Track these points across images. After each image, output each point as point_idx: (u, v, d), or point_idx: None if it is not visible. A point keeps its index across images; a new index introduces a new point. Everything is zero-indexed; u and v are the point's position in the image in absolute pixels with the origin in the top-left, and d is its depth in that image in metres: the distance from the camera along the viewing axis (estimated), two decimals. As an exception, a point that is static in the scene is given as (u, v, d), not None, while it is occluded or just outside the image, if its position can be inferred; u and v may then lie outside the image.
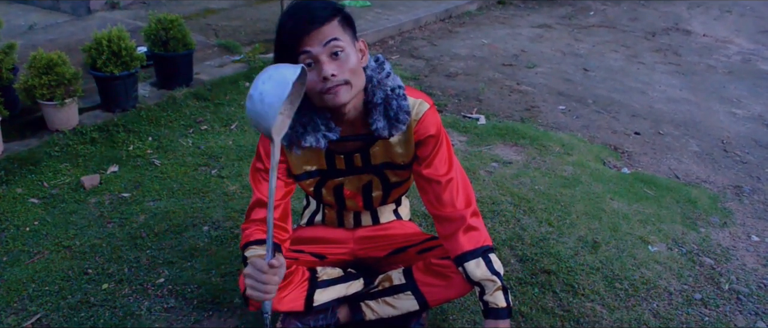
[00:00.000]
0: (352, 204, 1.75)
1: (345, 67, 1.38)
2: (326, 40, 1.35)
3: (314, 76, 1.37)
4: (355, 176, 1.66)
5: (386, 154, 1.61)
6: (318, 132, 1.49)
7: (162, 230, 2.45)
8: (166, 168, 2.96)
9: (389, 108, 1.49)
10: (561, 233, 2.52)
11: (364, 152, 1.60)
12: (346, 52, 1.38)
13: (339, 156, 1.61)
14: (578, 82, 4.53)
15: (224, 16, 5.53)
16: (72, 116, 3.21)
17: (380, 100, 1.48)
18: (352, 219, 1.83)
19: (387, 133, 1.51)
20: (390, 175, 1.67)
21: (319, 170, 1.64)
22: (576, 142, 3.48)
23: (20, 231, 2.44)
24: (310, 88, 1.39)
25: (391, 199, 1.79)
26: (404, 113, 1.50)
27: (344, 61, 1.38)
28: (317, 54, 1.36)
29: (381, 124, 1.49)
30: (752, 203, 2.94)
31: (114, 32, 3.26)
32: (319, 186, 1.69)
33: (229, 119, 3.55)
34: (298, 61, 1.36)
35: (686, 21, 6.49)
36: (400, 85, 1.52)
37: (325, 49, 1.36)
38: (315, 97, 1.42)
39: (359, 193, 1.71)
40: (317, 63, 1.37)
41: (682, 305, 2.15)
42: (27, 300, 2.05)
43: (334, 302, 1.78)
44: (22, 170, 2.87)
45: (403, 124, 1.51)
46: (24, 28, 4.94)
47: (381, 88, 1.49)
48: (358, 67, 1.43)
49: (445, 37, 5.52)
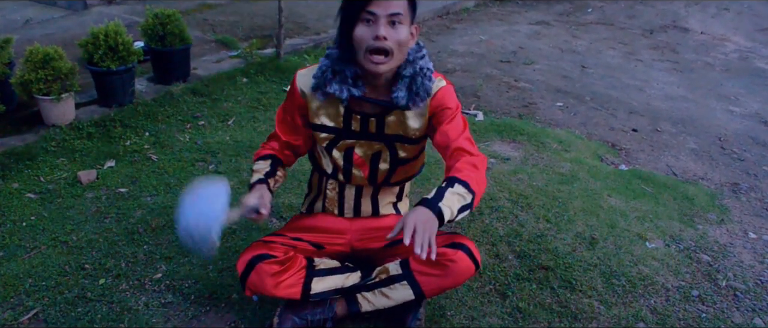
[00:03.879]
0: (357, 173, 1.80)
1: (396, 37, 1.53)
2: (392, 11, 1.51)
3: (368, 32, 1.52)
4: (367, 141, 1.74)
5: (400, 126, 1.71)
6: (344, 84, 1.62)
7: (159, 225, 2.44)
8: (163, 163, 2.95)
9: (414, 83, 1.62)
10: (559, 229, 2.52)
11: (379, 119, 1.69)
12: (403, 26, 1.54)
13: (356, 116, 1.69)
14: (576, 78, 4.53)
15: (221, 11, 5.52)
16: (68, 111, 3.19)
17: (409, 74, 1.62)
18: (353, 203, 1.85)
19: (404, 104, 1.63)
20: (400, 148, 1.75)
21: (334, 128, 1.73)
22: (574, 138, 3.49)
23: (17, 226, 2.43)
24: (359, 39, 1.53)
25: (395, 178, 1.84)
26: (424, 92, 1.64)
27: (398, 31, 1.53)
28: (380, 16, 1.50)
29: (402, 94, 1.62)
30: (749, 200, 2.95)
31: (111, 27, 3.25)
32: (331, 145, 1.77)
33: (226, 115, 3.54)
34: (361, 16, 1.52)
35: (684, 18, 6.50)
36: (430, 68, 1.66)
37: (388, 16, 1.51)
38: (360, 51, 1.55)
39: (367, 162, 1.78)
40: (376, 22, 1.51)
41: (679, 302, 2.16)
42: (24, 295, 2.04)
43: (331, 295, 1.78)
44: (19, 165, 2.85)
45: (421, 100, 1.64)
46: (20, 22, 4.91)
47: (412, 66, 1.62)
48: (406, 44, 1.57)
49: (442, 34, 5.51)
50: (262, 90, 3.88)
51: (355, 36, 1.54)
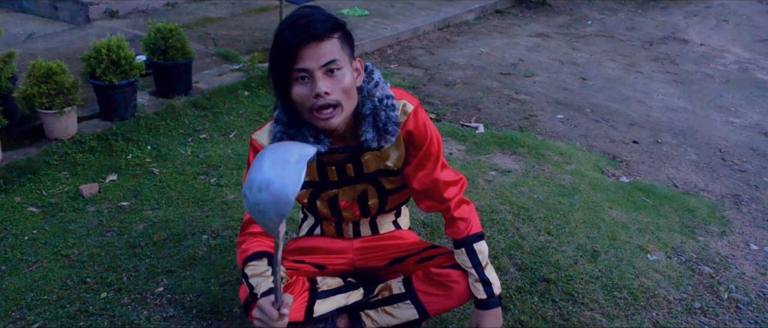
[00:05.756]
0: (349, 214, 1.74)
1: (339, 86, 1.37)
2: (325, 61, 1.35)
3: (306, 90, 1.37)
4: (349, 186, 1.65)
5: (378, 161, 1.61)
6: (305, 143, 1.46)
7: (161, 238, 2.44)
8: (165, 177, 2.96)
9: (378, 119, 1.48)
10: (560, 241, 2.52)
11: (355, 162, 1.60)
12: (342, 71, 1.37)
13: (331, 167, 1.60)
14: (576, 91, 4.55)
15: (223, 25, 5.55)
16: (71, 125, 3.21)
17: (369, 111, 1.47)
18: (352, 231, 1.82)
19: (377, 145, 1.50)
20: (385, 182, 1.67)
21: (311, 182, 1.64)
22: (574, 151, 3.49)
23: (19, 240, 2.44)
24: (301, 101, 1.38)
25: (389, 207, 1.78)
26: (393, 124, 1.49)
27: (339, 80, 1.37)
28: (313, 70, 1.35)
29: (370, 136, 1.49)
30: (750, 211, 2.95)
31: (113, 41, 3.27)
32: (313, 198, 1.69)
33: (227, 128, 3.55)
34: (293, 76, 1.36)
35: (683, 30, 6.53)
36: (389, 95, 1.51)
37: (322, 68, 1.35)
38: (305, 113, 1.41)
39: (355, 203, 1.70)
40: (311, 78, 1.36)
41: (681, 314, 2.15)
42: (25, 309, 2.04)
43: (333, 312, 1.77)
44: (21, 179, 2.86)
45: (392, 136, 1.50)
46: (23, 36, 4.94)
47: (370, 100, 1.48)
48: (352, 88, 1.41)
49: (443, 46, 5.54)
50: (263, 103, 3.89)
51: (293, 99, 1.39)
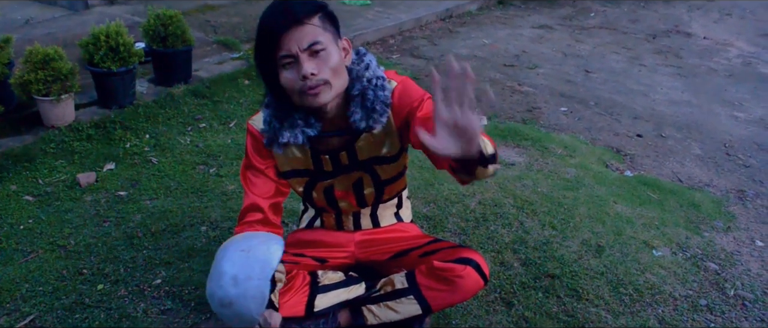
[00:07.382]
0: (345, 205, 1.72)
1: (325, 66, 1.36)
2: (307, 44, 1.33)
3: (293, 75, 1.36)
4: (344, 175, 1.63)
5: (372, 148, 1.58)
6: (296, 128, 1.47)
7: (159, 229, 2.40)
8: (163, 166, 2.91)
9: (366, 99, 1.45)
10: (564, 236, 2.48)
11: (349, 149, 1.57)
12: (327, 50, 1.36)
13: (324, 156, 1.58)
14: (580, 83, 4.50)
15: (223, 12, 5.48)
16: (68, 112, 3.16)
17: (358, 91, 1.45)
18: (352, 223, 1.79)
19: (365, 125, 1.46)
20: (379, 170, 1.64)
21: (306, 170, 1.62)
22: (578, 144, 3.45)
23: (14, 229, 2.39)
24: (289, 86, 1.37)
25: (386, 196, 1.75)
26: (381, 103, 1.45)
27: (325, 59, 1.35)
28: (296, 53, 1.33)
29: (358, 116, 1.46)
30: (756, 207, 2.91)
31: (112, 27, 3.21)
32: (308, 188, 1.66)
33: (227, 117, 3.50)
34: (278, 62, 1.35)
35: (686, 23, 6.47)
36: (380, 76, 1.48)
37: (306, 50, 1.34)
38: (294, 96, 1.39)
39: (350, 191, 1.68)
40: (297, 61, 1.34)
41: (687, 311, 2.12)
42: (20, 301, 2.01)
43: (334, 306, 1.74)
44: (17, 167, 2.82)
45: (381, 115, 1.46)
46: (20, 22, 4.87)
47: (359, 81, 1.46)
48: (340, 66, 1.39)
49: (445, 37, 5.48)
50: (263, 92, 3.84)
51: (282, 84, 1.38)
